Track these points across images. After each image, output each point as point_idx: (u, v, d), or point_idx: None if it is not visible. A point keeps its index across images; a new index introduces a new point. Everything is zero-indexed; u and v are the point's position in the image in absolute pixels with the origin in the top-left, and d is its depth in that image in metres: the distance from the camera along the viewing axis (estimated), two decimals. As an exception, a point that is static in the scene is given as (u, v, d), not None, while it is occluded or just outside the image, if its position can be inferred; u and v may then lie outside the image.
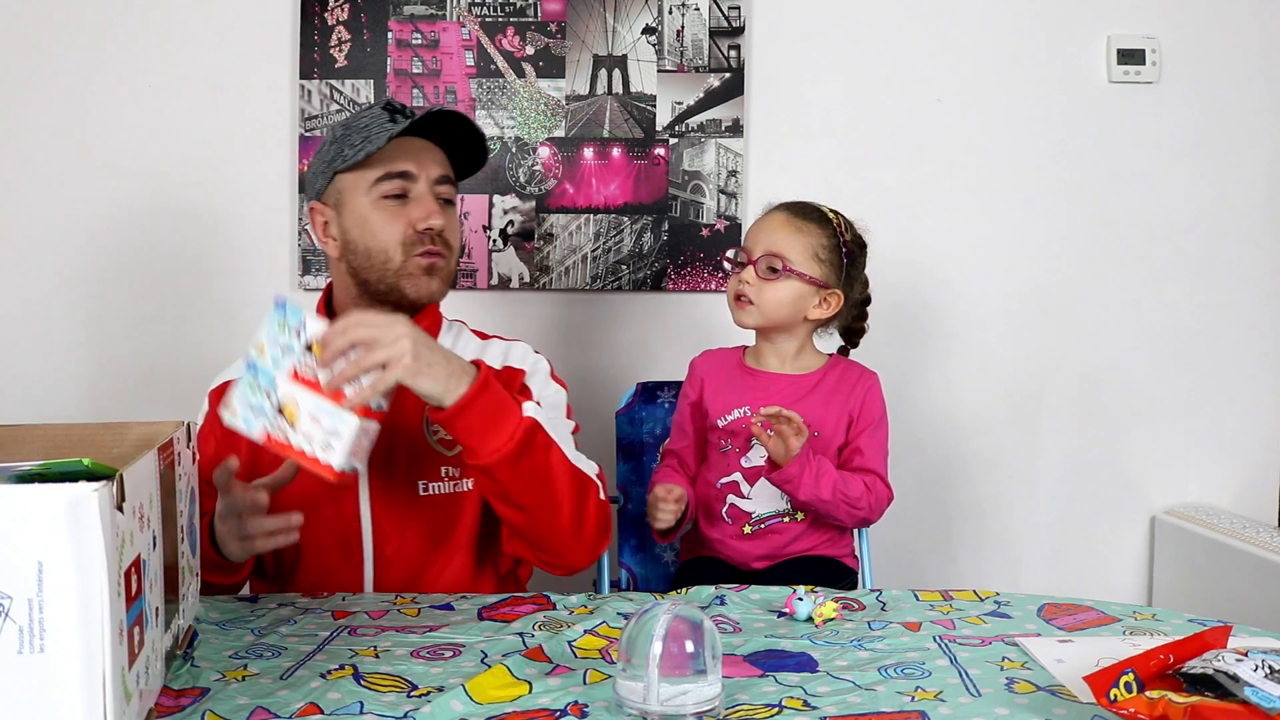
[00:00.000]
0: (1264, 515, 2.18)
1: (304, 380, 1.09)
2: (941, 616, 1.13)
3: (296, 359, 1.10)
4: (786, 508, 1.51)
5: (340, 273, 1.36)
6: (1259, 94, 2.14)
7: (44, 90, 2.03)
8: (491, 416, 1.16)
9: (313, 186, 1.37)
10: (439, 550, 1.35)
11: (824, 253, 1.50)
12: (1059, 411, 2.17)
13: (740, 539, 1.52)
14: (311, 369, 1.09)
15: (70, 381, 2.05)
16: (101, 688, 0.69)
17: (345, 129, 1.32)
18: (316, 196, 1.36)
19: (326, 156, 1.33)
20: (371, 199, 1.30)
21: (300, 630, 1.08)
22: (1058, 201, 2.14)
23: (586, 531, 1.25)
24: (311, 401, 1.09)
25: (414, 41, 2.05)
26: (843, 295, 1.52)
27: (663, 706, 0.84)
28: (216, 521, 1.20)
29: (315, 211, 1.36)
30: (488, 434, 1.16)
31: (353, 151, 1.29)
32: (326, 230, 1.35)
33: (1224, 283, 2.16)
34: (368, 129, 1.29)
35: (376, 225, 1.30)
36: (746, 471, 1.53)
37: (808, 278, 1.48)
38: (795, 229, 1.50)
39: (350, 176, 1.31)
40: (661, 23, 2.07)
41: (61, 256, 2.05)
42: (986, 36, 2.12)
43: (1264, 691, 0.77)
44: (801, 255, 1.48)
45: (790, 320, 1.52)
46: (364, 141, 1.28)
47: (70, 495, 0.68)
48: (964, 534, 2.18)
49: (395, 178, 1.30)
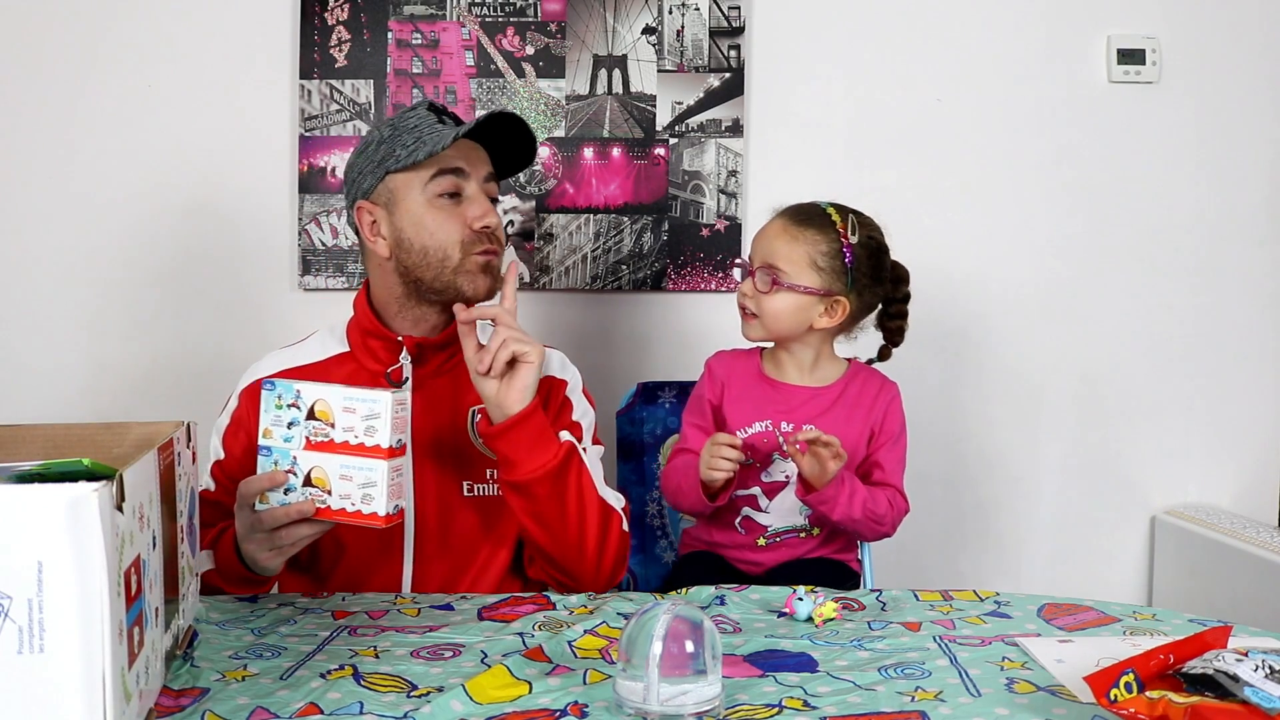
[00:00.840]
0: (1264, 515, 2.18)
1: (320, 446, 1.10)
2: (941, 616, 1.13)
3: (304, 429, 1.10)
4: (804, 523, 1.50)
5: (386, 271, 1.35)
6: (1259, 94, 2.14)
7: (44, 90, 2.03)
8: (540, 434, 1.24)
9: (358, 186, 1.35)
10: (479, 551, 1.35)
11: (823, 260, 1.45)
12: (1059, 411, 2.17)
13: (753, 550, 1.50)
14: (323, 432, 1.10)
15: (70, 381, 2.05)
16: (101, 688, 0.69)
17: (393, 129, 1.33)
18: (364, 196, 1.34)
19: (375, 156, 1.33)
20: (426, 198, 1.31)
21: (300, 630, 1.08)
22: (1058, 201, 2.14)
23: (607, 559, 1.28)
24: (336, 461, 1.10)
25: (414, 41, 2.05)
26: (848, 302, 1.47)
27: (663, 706, 0.84)
28: (242, 541, 1.16)
29: (363, 210, 1.34)
30: (534, 450, 1.22)
31: (406, 152, 1.30)
32: (375, 229, 1.34)
33: (1224, 283, 2.16)
34: (418, 129, 1.31)
35: (433, 224, 1.31)
36: (766, 486, 1.50)
37: (802, 288, 1.45)
38: (791, 238, 1.46)
39: (403, 176, 1.31)
40: (661, 23, 2.07)
41: (61, 256, 2.05)
42: (986, 36, 2.12)
43: (1264, 691, 0.77)
44: (797, 266, 1.45)
45: (794, 331, 1.48)
46: (417, 142, 1.30)
47: (70, 495, 0.68)
48: (964, 534, 2.18)
49: (449, 175, 1.31)
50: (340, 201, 2.04)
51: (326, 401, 1.09)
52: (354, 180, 1.36)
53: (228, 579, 1.22)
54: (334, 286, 2.05)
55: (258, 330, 2.05)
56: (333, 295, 2.06)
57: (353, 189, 1.37)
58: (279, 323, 2.05)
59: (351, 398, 1.09)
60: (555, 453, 1.23)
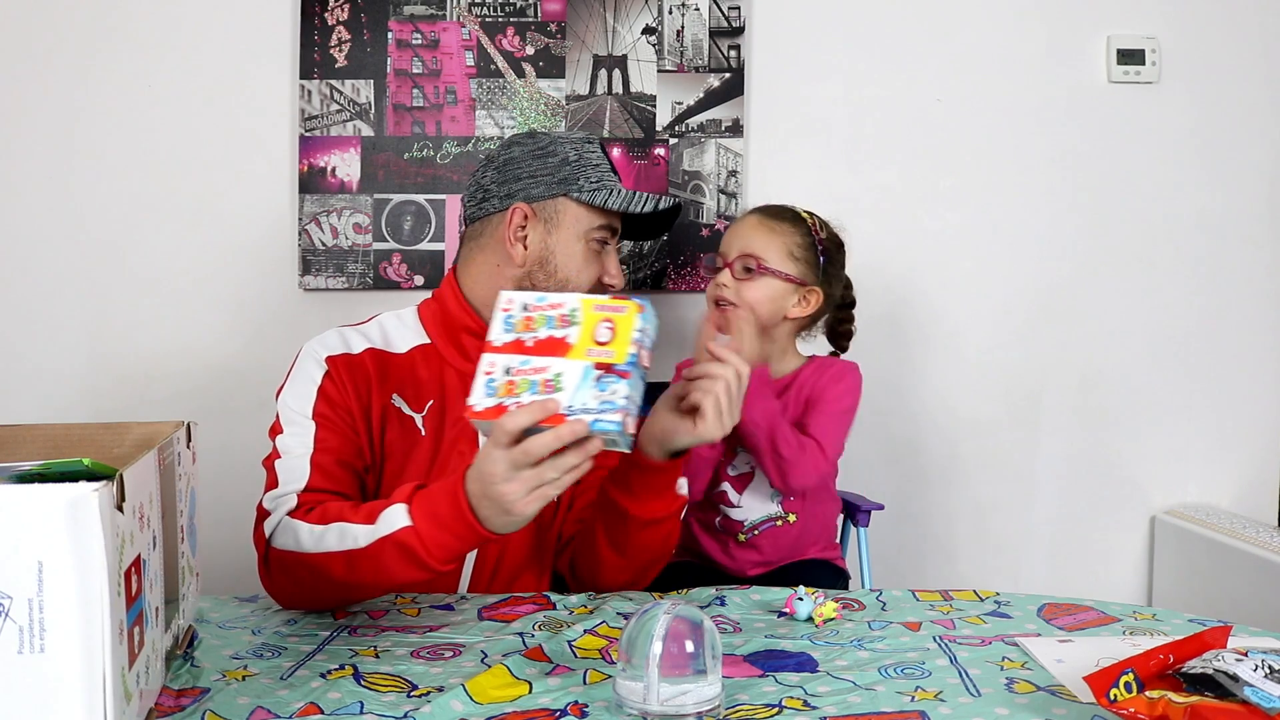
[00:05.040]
0: (1264, 515, 2.18)
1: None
2: (941, 616, 1.13)
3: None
4: (778, 511, 1.51)
5: (502, 275, 1.33)
6: (1259, 94, 2.14)
7: (44, 90, 2.03)
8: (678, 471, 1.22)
9: (524, 187, 1.33)
10: (536, 555, 1.34)
11: (799, 251, 1.52)
12: (1059, 412, 2.17)
13: (737, 547, 1.52)
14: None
15: (70, 381, 2.05)
16: (101, 688, 0.69)
17: (579, 155, 1.34)
18: (529, 200, 1.33)
19: (559, 173, 1.33)
20: (585, 238, 1.33)
21: (300, 630, 1.08)
22: (1058, 201, 2.14)
23: (647, 581, 1.29)
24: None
25: (414, 41, 2.05)
26: (822, 293, 1.53)
27: (663, 706, 0.84)
28: (500, 485, 0.98)
29: (519, 211, 1.32)
30: (662, 496, 1.21)
31: (590, 186, 1.32)
32: (522, 234, 1.33)
33: (1224, 283, 2.16)
34: (600, 169, 1.35)
35: (582, 261, 1.33)
36: (734, 480, 1.53)
37: (784, 275, 1.50)
38: (769, 229, 1.52)
39: (578, 208, 1.33)
40: (661, 23, 2.07)
41: (61, 256, 2.05)
42: (986, 36, 2.12)
43: (1264, 691, 0.77)
44: (777, 254, 1.50)
45: (770, 320, 1.52)
46: (599, 183, 1.33)
47: (70, 495, 0.68)
48: (964, 534, 2.18)
49: (608, 230, 1.35)
50: (340, 201, 2.04)
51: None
52: (519, 177, 1.34)
53: (412, 561, 1.05)
54: (334, 286, 2.05)
55: (258, 330, 2.05)
56: (333, 295, 2.06)
57: (514, 184, 1.34)
58: (279, 323, 2.05)
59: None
60: (678, 492, 1.24)
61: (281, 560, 1.12)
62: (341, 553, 1.07)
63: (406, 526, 1.04)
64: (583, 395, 0.98)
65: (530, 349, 1.00)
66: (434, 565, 1.04)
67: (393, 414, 1.28)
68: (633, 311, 1.01)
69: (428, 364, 1.32)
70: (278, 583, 1.14)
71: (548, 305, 1.02)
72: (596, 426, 0.97)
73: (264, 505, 1.19)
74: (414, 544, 1.03)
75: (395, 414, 1.28)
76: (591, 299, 1.02)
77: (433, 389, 1.31)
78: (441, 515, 1.03)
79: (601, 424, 0.97)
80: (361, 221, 2.05)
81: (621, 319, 1.00)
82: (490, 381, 1.00)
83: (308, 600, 1.14)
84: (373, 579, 1.07)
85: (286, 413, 1.24)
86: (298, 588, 1.13)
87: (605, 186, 1.33)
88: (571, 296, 1.02)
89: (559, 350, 1.00)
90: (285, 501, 1.17)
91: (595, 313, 1.01)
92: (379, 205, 2.05)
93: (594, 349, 0.99)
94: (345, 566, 1.06)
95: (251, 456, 1.33)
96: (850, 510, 1.76)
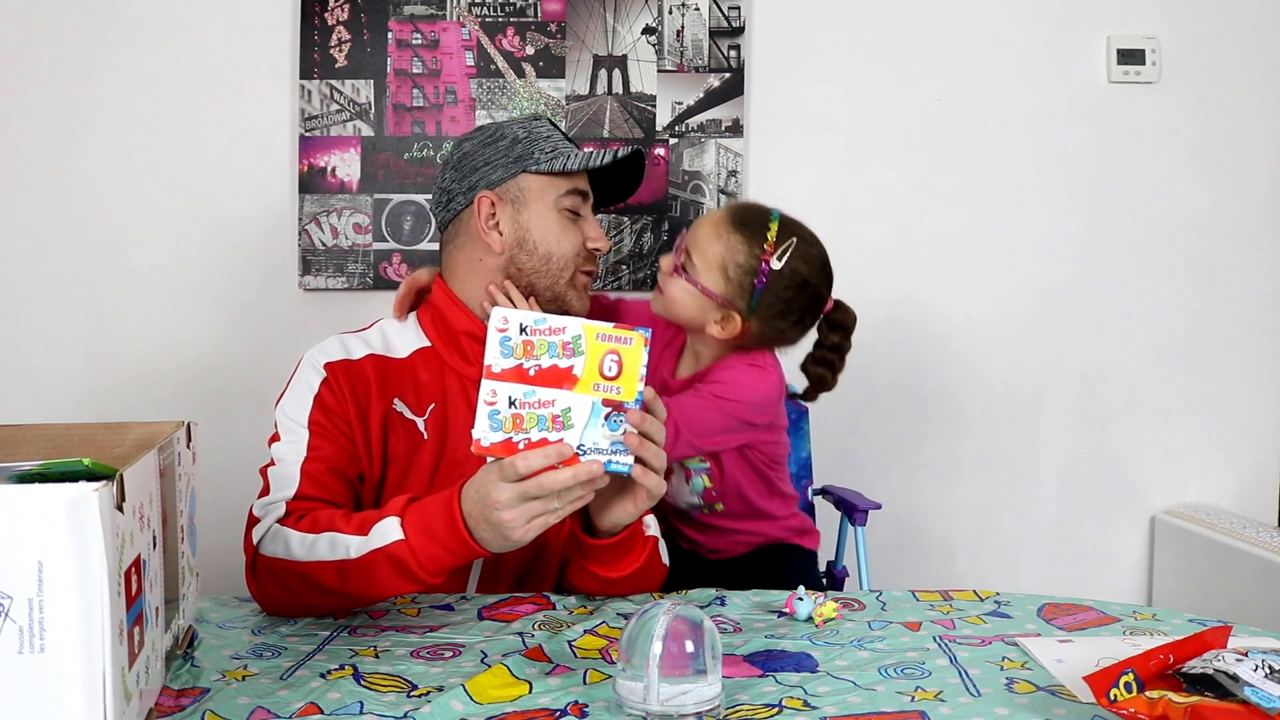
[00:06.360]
0: (1264, 515, 2.18)
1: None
2: (941, 616, 1.13)
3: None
4: (699, 502, 1.49)
5: (485, 267, 1.33)
6: (1259, 94, 2.14)
7: (44, 90, 2.03)
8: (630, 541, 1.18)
9: (483, 176, 1.32)
10: (544, 555, 1.33)
11: (734, 270, 1.36)
12: (1059, 411, 2.17)
13: (705, 532, 1.52)
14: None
15: (70, 381, 2.05)
16: (101, 688, 0.69)
17: (528, 133, 1.34)
18: (490, 187, 1.32)
19: (511, 152, 1.32)
20: (556, 208, 1.33)
21: (300, 630, 1.08)
22: (1058, 202, 2.14)
23: (651, 588, 1.28)
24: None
25: (414, 41, 2.05)
26: (743, 323, 1.37)
27: (663, 706, 0.84)
28: (502, 512, 0.99)
29: (485, 200, 1.32)
30: (625, 556, 1.18)
31: (546, 158, 1.31)
32: (493, 222, 1.32)
33: (1224, 283, 2.16)
34: (552, 140, 1.34)
35: (559, 231, 1.33)
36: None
37: (700, 287, 1.37)
38: (716, 235, 1.38)
39: (540, 180, 1.32)
40: (661, 23, 2.07)
41: (62, 256, 2.05)
42: (986, 36, 2.12)
43: (1264, 691, 0.77)
44: (707, 264, 1.37)
45: (690, 324, 1.42)
46: (554, 152, 1.32)
47: (70, 495, 0.68)
48: (964, 534, 2.18)
49: (577, 194, 1.34)
50: (340, 201, 2.04)
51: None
52: (475, 169, 1.34)
53: (403, 574, 1.05)
54: (334, 286, 2.05)
55: (258, 330, 2.05)
56: (333, 295, 2.06)
57: (472, 176, 1.33)
58: (279, 323, 2.05)
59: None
60: (640, 552, 1.19)
61: (269, 567, 1.12)
62: (333, 562, 1.07)
63: (399, 540, 1.05)
64: (593, 434, 0.99)
65: (534, 379, 1.00)
66: (426, 578, 1.05)
67: (394, 419, 1.28)
68: (639, 345, 1.01)
69: (429, 367, 1.32)
70: (265, 589, 1.14)
71: (547, 329, 1.01)
72: (610, 468, 1.00)
73: (254, 512, 1.19)
74: (406, 557, 1.04)
75: (397, 419, 1.28)
76: (594, 326, 1.01)
77: (434, 392, 1.31)
78: (435, 530, 1.04)
79: (615, 466, 1.00)
80: (361, 221, 2.05)
81: (628, 352, 1.01)
82: (494, 413, 0.99)
83: (295, 608, 1.14)
84: (363, 590, 1.07)
85: (283, 420, 1.25)
86: (286, 595, 1.12)
87: (560, 154, 1.32)
88: (573, 321, 1.01)
89: (565, 382, 1.00)
90: (274, 509, 1.17)
91: (600, 343, 1.00)
92: (379, 205, 2.05)
93: (601, 383, 1.00)
94: (336, 576, 1.07)
95: (252, 457, 1.32)
96: (848, 509, 1.75)
